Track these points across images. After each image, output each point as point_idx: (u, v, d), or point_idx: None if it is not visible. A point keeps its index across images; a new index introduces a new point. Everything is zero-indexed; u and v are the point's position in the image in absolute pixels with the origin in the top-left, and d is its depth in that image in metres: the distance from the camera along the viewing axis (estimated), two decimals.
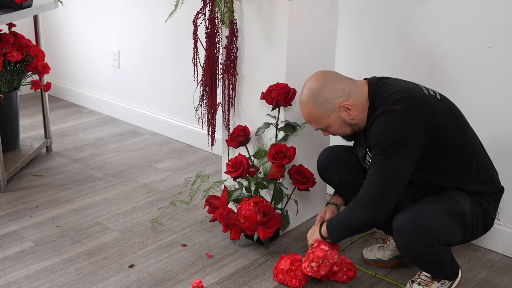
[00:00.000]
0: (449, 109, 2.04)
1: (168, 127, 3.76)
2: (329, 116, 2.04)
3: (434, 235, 1.95)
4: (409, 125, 1.91)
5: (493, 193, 2.08)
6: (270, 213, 2.32)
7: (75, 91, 4.35)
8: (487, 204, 2.07)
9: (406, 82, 2.08)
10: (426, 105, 1.96)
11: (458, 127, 2.02)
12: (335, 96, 2.01)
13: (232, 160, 2.44)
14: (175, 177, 3.21)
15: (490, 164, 2.12)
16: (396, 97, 1.95)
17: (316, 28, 2.51)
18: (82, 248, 2.50)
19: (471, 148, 2.04)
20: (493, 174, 2.11)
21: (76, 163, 3.34)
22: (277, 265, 2.28)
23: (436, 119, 1.95)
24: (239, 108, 2.61)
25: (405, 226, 1.96)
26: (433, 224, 1.95)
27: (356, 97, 2.02)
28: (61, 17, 4.26)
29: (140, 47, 3.80)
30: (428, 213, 1.96)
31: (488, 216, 2.07)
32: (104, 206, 2.87)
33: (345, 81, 2.05)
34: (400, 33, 2.64)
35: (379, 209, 1.97)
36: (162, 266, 2.39)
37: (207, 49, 2.51)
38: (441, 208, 1.98)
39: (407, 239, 1.97)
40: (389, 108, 1.94)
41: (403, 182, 1.97)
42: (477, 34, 2.41)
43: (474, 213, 2.03)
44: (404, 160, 1.93)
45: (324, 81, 2.03)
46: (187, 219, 2.77)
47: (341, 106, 2.01)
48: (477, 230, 2.08)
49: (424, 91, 2.03)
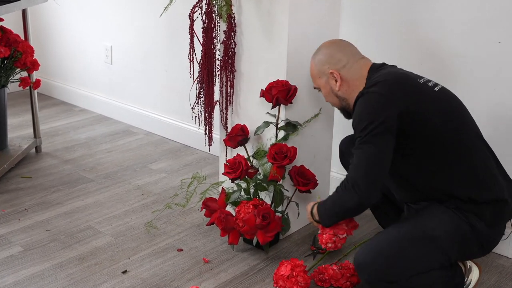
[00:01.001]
0: (445, 103, 2.02)
1: (163, 126, 3.75)
2: (320, 77, 2.18)
3: (395, 268, 1.94)
4: (381, 108, 1.95)
5: (489, 203, 1.98)
6: (270, 216, 2.32)
7: (66, 89, 4.35)
8: (478, 220, 1.97)
9: (402, 71, 2.12)
10: (404, 90, 1.99)
11: (449, 122, 1.99)
12: (329, 61, 2.14)
13: (230, 161, 2.44)
14: (170, 178, 3.20)
15: (496, 172, 2.04)
16: (377, 80, 2.02)
17: (317, 23, 2.50)
18: (73, 253, 2.49)
19: (464, 147, 1.99)
20: (494, 182, 2.01)
21: (66, 164, 3.33)
22: (277, 270, 2.27)
23: (416, 106, 1.96)
24: (238, 106, 2.61)
25: (363, 262, 1.97)
26: (392, 256, 1.94)
27: (350, 73, 2.11)
28: (50, 10, 4.25)
29: (134, 43, 3.80)
30: (388, 245, 1.97)
31: (479, 234, 1.98)
32: (96, 209, 2.86)
33: (348, 54, 2.14)
34: (406, 28, 2.64)
35: (364, 193, 1.98)
36: (157, 272, 2.39)
37: (204, 45, 2.50)
38: (405, 237, 1.97)
39: (367, 275, 1.97)
40: (366, 91, 2.02)
41: (383, 165, 1.97)
42: (486, 29, 2.41)
43: (457, 233, 1.97)
44: (380, 143, 1.95)
45: (331, 45, 2.19)
46: (183, 222, 2.76)
47: (330, 73, 2.13)
48: (470, 250, 2.01)
49: (418, 80, 2.04)
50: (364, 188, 1.97)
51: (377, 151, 1.96)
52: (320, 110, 2.57)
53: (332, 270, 2.26)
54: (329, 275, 2.26)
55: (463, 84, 2.48)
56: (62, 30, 4.26)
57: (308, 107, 2.55)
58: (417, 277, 1.96)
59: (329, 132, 2.72)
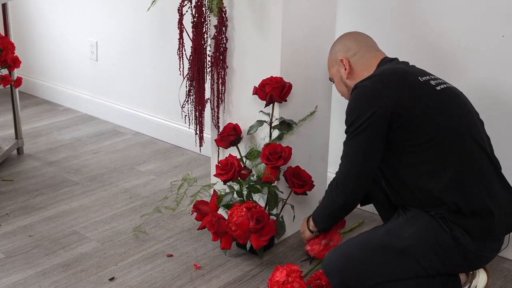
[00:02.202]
0: (443, 103, 2.02)
1: (151, 126, 3.75)
2: (333, 66, 2.24)
3: (363, 273, 2.00)
4: (370, 102, 1.99)
5: (477, 215, 1.95)
6: (264, 219, 2.32)
7: (49, 87, 4.34)
8: (463, 233, 1.95)
9: (404, 67, 2.13)
10: (398, 87, 2.01)
11: (443, 123, 1.99)
12: (341, 49, 2.21)
13: (222, 162, 2.44)
14: (159, 180, 3.20)
15: (495, 183, 2.01)
16: (373, 75, 2.08)
17: (313, 16, 2.50)
18: (58, 260, 2.49)
19: (455, 150, 1.97)
20: (487, 193, 1.97)
21: (50, 166, 3.33)
22: (272, 276, 2.27)
23: (408, 103, 1.98)
24: (230, 105, 2.61)
25: (331, 265, 2.06)
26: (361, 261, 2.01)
27: (359, 62, 2.16)
28: (32, 4, 4.25)
29: (121, 38, 3.80)
30: (359, 250, 2.03)
31: (463, 247, 1.96)
32: (81, 213, 2.86)
33: (361, 44, 2.20)
34: (406, 22, 2.64)
35: (350, 190, 2.07)
36: (146, 278, 2.38)
37: (194, 40, 2.51)
38: (378, 243, 2.02)
39: (335, 278, 2.04)
40: (359, 84, 2.06)
41: (369, 162, 2.04)
42: (489, 22, 2.42)
43: (435, 244, 1.97)
44: (366, 140, 2.00)
45: (347, 35, 2.26)
46: (173, 227, 2.76)
47: (340, 60, 2.19)
48: (453, 263, 2.00)
49: (419, 78, 2.05)
50: (350, 185, 2.06)
51: (364, 147, 2.01)
52: (316, 108, 2.58)
53: None
54: (326, 280, 2.26)
55: (465, 80, 2.49)
56: (44, 25, 4.25)
57: (303, 105, 2.56)
58: (386, 285, 2.01)
59: (325, 131, 2.73)
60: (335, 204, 2.14)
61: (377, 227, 2.16)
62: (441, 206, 1.98)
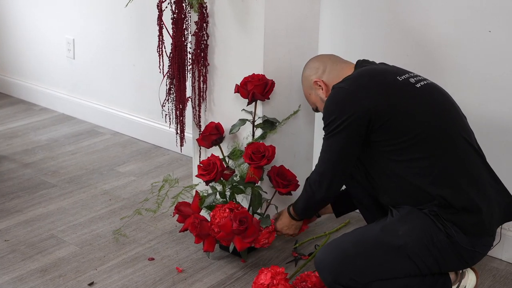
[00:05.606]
0: (424, 100, 2.05)
1: (131, 126, 3.75)
2: (310, 94, 2.29)
3: (356, 270, 2.02)
4: (346, 104, 2.04)
5: (468, 211, 1.99)
6: (247, 221, 2.33)
7: (24, 86, 4.32)
8: (456, 230, 1.99)
9: (381, 67, 2.17)
10: (375, 87, 2.05)
11: (426, 119, 2.02)
12: (310, 73, 2.27)
13: (204, 162, 2.45)
14: (140, 182, 3.21)
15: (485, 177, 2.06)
16: (349, 77, 2.12)
17: (296, 12, 2.52)
18: (35, 265, 2.49)
19: (440, 145, 2.02)
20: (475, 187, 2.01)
21: (26, 168, 3.32)
22: (257, 279, 2.29)
23: (387, 103, 2.02)
24: (211, 103, 2.62)
25: (323, 260, 2.09)
26: (355, 257, 2.03)
27: (331, 76, 2.21)
28: (6, 0, 4.22)
29: (99, 35, 3.79)
30: (353, 246, 2.06)
31: (457, 245, 2.00)
32: (59, 216, 2.86)
33: (325, 60, 2.27)
34: (391, 16, 2.66)
35: (324, 189, 2.17)
36: (127, 283, 2.39)
37: (174, 37, 2.51)
38: (372, 241, 2.05)
39: (328, 274, 2.06)
40: (336, 86, 2.11)
41: (344, 163, 2.12)
42: (476, 17, 2.45)
43: (429, 242, 2.00)
44: (342, 142, 2.06)
45: (311, 60, 2.33)
46: (154, 229, 2.77)
47: (314, 83, 2.24)
48: (448, 261, 2.04)
49: (397, 77, 2.08)
50: (324, 183, 2.15)
51: (339, 149, 2.08)
52: (299, 107, 2.60)
53: (315, 277, 2.29)
54: (312, 282, 2.28)
55: (451, 75, 2.52)
56: (18, 21, 4.23)
57: (286, 103, 2.57)
58: (379, 283, 2.04)
59: (310, 130, 2.75)
60: (313, 199, 2.24)
61: (371, 224, 2.18)
62: (431, 202, 2.01)
